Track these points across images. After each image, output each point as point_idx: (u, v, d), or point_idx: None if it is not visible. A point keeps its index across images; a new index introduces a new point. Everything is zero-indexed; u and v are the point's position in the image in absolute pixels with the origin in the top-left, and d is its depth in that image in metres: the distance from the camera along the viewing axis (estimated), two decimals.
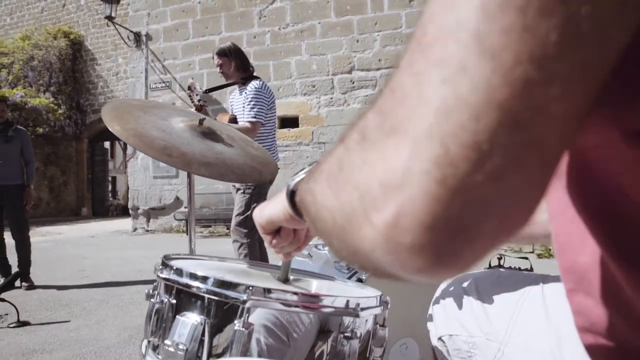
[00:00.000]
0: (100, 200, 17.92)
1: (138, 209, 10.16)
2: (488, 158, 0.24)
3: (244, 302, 0.66)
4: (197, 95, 3.27)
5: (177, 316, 0.69)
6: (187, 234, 6.55)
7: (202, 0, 9.82)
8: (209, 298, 0.68)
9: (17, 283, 4.34)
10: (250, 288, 0.66)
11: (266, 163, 1.23)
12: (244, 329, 0.65)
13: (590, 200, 0.38)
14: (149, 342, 0.74)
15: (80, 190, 16.95)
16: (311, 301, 0.73)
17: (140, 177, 10.15)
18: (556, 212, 0.46)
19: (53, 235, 9.81)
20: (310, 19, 9.26)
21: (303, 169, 0.57)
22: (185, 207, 9.45)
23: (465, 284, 0.97)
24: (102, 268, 5.50)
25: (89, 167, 17.10)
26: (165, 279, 0.74)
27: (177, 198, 9.86)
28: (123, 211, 21.61)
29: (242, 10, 9.60)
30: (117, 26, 10.25)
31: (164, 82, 9.95)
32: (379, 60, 8.91)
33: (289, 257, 0.78)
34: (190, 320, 0.67)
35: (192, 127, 1.16)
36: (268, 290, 0.68)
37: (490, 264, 3.49)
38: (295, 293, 0.72)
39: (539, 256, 5.14)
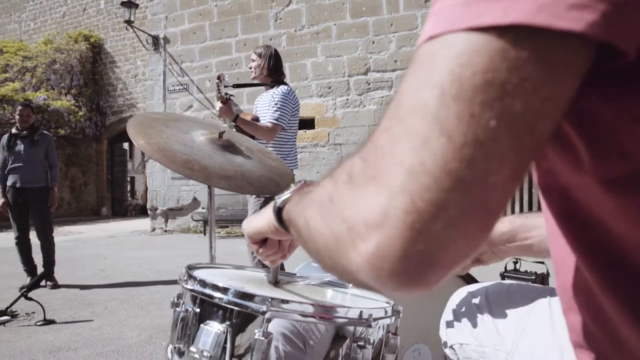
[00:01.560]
0: (120, 200, 18.23)
1: (156, 209, 10.33)
2: (444, 211, 0.31)
3: (264, 312, 0.71)
4: (225, 86, 3.33)
5: (201, 325, 0.75)
6: (204, 235, 6.75)
7: (218, 3, 9.94)
8: (231, 308, 0.74)
9: (42, 282, 4.50)
10: (270, 300, 0.71)
11: (283, 174, 1.28)
12: (263, 338, 0.70)
13: (574, 230, 0.43)
14: (174, 347, 0.80)
15: (100, 190, 17.28)
16: (326, 312, 0.77)
17: (159, 178, 10.32)
18: (551, 236, 0.50)
19: (74, 234, 10.04)
20: (326, 21, 9.31)
21: (289, 189, 0.63)
22: (203, 208, 9.59)
23: (477, 297, 1.01)
24: (122, 268, 5.63)
25: (108, 167, 17.41)
26: (190, 289, 0.80)
27: (195, 199, 10.00)
28: (142, 211, 21.93)
29: (258, 12, 9.69)
30: (136, 30, 10.42)
31: (181, 85, 10.10)
32: (395, 62, 8.91)
33: (275, 264, 0.85)
34: (214, 329, 0.73)
35: (213, 140, 1.22)
36: (286, 302, 0.73)
37: (506, 268, 3.48)
38: (312, 304, 0.77)
39: None
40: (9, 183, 4.44)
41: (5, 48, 16.12)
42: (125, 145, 20.74)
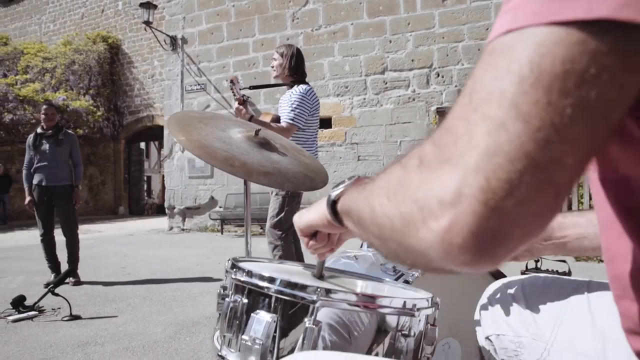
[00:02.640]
0: (136, 199, 18.46)
1: (174, 208, 10.44)
2: (517, 190, 0.34)
3: (314, 302, 0.73)
4: (239, 89, 3.35)
5: (251, 314, 0.77)
6: (221, 233, 6.81)
7: (236, 4, 10.01)
8: (281, 298, 0.76)
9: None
10: (320, 289, 0.73)
11: (317, 171, 1.30)
12: (314, 326, 0.72)
13: (633, 220, 0.44)
14: (224, 337, 0.82)
15: (118, 189, 17.52)
16: (373, 301, 0.79)
17: (176, 177, 10.43)
18: (605, 227, 0.51)
19: (94, 233, 10.19)
20: (343, 20, 9.31)
21: (343, 183, 0.66)
22: (220, 207, 9.67)
23: (512, 289, 1.02)
24: (142, 265, 5.71)
25: (125, 167, 17.64)
26: (238, 280, 0.82)
27: (212, 198, 10.08)
28: (158, 210, 22.18)
29: (276, 12, 9.74)
30: (154, 30, 10.54)
31: (199, 85, 10.19)
32: (412, 61, 8.89)
33: (323, 257, 0.87)
34: (264, 318, 0.75)
35: (249, 138, 1.24)
36: (335, 291, 0.75)
37: (527, 267, 3.47)
38: (359, 294, 0.79)
39: (577, 259, 5.05)
40: (35, 181, 4.54)
41: (26, 49, 16.44)
42: (142, 144, 21.01)
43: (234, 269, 0.85)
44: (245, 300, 0.81)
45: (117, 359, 2.54)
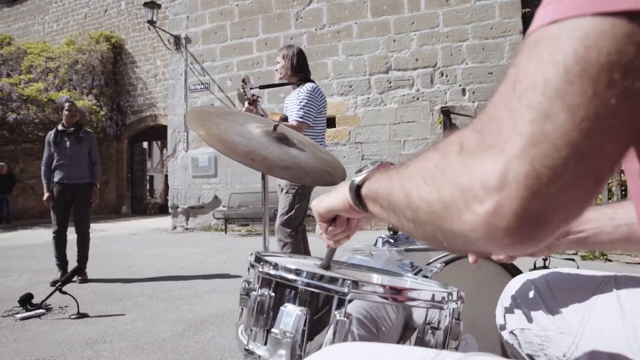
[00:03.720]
0: (139, 198, 18.46)
1: (177, 207, 10.44)
2: (560, 176, 0.35)
3: (345, 294, 0.72)
4: (250, 88, 3.37)
5: (280, 307, 0.76)
6: (225, 233, 6.82)
7: (239, 3, 10.01)
8: (310, 291, 0.75)
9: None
10: (349, 281, 0.73)
11: (335, 167, 1.29)
12: (345, 319, 0.71)
13: None
14: (250, 330, 0.81)
15: (120, 189, 17.52)
16: (404, 294, 0.78)
17: (180, 176, 10.43)
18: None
19: (97, 232, 10.17)
20: (347, 20, 9.31)
21: (366, 168, 0.66)
22: (224, 206, 9.66)
23: (536, 284, 1.01)
24: (146, 264, 5.71)
25: (128, 166, 17.64)
26: (265, 273, 0.81)
27: (216, 197, 10.08)
28: (160, 209, 22.19)
29: (279, 12, 9.74)
30: (158, 30, 10.55)
31: (202, 84, 10.20)
32: (416, 60, 8.88)
33: (339, 244, 0.85)
34: (294, 311, 0.74)
35: (267, 133, 1.23)
36: (366, 283, 0.75)
37: (535, 265, 3.46)
38: (388, 287, 0.78)
39: (583, 258, 5.03)
40: (55, 179, 4.56)
41: (30, 49, 16.46)
42: (145, 144, 21.03)
43: (260, 263, 0.84)
44: (273, 294, 0.80)
45: (126, 356, 2.53)
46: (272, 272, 0.80)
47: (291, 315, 0.74)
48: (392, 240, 1.68)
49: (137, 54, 16.57)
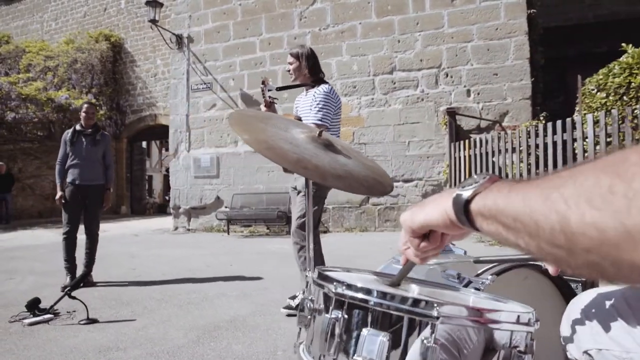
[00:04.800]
0: (138, 198, 18.35)
1: (179, 208, 10.35)
2: None
3: (435, 318, 0.66)
4: (269, 90, 3.31)
5: (360, 332, 0.70)
6: (228, 234, 6.75)
7: (242, 2, 9.94)
8: (394, 314, 0.69)
9: None
10: (438, 304, 0.66)
11: (382, 174, 1.23)
12: (435, 345, 0.65)
13: None
14: (322, 357, 0.75)
15: (120, 188, 17.39)
16: (491, 316, 0.72)
17: (182, 177, 10.35)
18: None
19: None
20: (351, 20, 9.25)
21: (473, 181, 0.59)
22: (226, 207, 9.58)
23: (612, 301, 0.95)
24: (152, 266, 5.63)
25: (127, 166, 17.53)
26: (336, 294, 0.74)
27: (218, 198, 10.00)
28: (159, 209, 22.11)
29: (283, 11, 9.67)
30: (160, 29, 10.46)
31: (205, 84, 10.12)
32: (421, 61, 8.83)
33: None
34: (376, 336, 0.68)
35: (313, 139, 1.17)
36: (455, 305, 0.68)
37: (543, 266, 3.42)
38: (473, 308, 0.72)
39: None
40: (69, 179, 4.51)
41: (28, 48, 16.33)
42: (144, 143, 20.91)
43: (329, 281, 0.78)
44: (347, 316, 0.73)
45: None
46: (348, 292, 0.74)
47: (374, 341, 0.67)
48: None
49: (136, 53, 16.47)
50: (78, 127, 4.64)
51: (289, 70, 3.57)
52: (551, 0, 11.64)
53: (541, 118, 7.75)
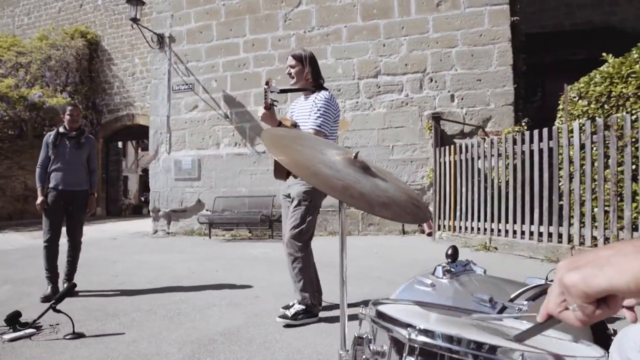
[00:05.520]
0: (114, 200, 17.92)
1: (159, 211, 10.13)
2: None
3: None
4: (271, 92, 3.22)
5: None
6: (209, 237, 6.63)
7: (226, 3, 9.79)
8: None
9: (59, 289, 4.32)
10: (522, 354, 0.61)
11: (417, 198, 1.17)
12: None
13: None
14: None
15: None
16: None
17: (162, 179, 10.13)
18: None
19: None
20: (336, 23, 9.21)
21: None
22: (207, 210, 9.41)
23: None
24: (135, 273, 5.47)
25: (103, 166, 17.09)
26: (431, 345, 0.67)
27: (199, 201, 9.83)
28: (134, 210, 21.67)
29: (267, 13, 9.57)
30: (140, 28, 10.22)
31: (187, 84, 9.93)
32: (405, 65, 8.85)
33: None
34: None
35: (350, 162, 1.10)
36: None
37: (547, 278, 3.43)
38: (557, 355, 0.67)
39: None
40: (51, 184, 4.32)
41: None
42: (120, 143, 20.44)
43: (395, 324, 0.71)
44: None
45: None
46: (424, 339, 0.67)
47: None
48: (452, 270, 1.58)
49: (114, 51, 16.09)
50: (61, 129, 4.45)
51: (289, 73, 3.48)
52: (529, 7, 11.86)
53: (523, 124, 7.86)
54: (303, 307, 3.27)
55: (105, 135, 16.55)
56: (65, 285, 4.36)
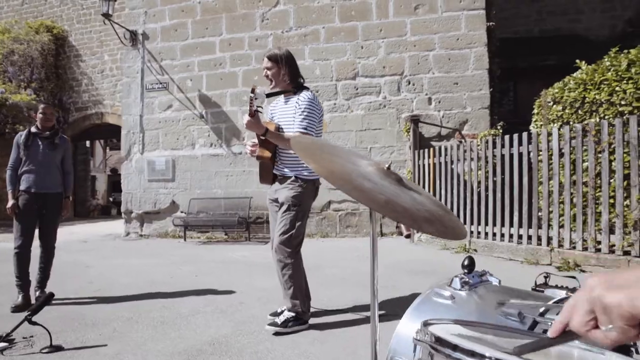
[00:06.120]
0: (82, 200, 17.36)
1: (131, 212, 9.84)
2: None
3: None
4: (256, 99, 3.10)
5: None
6: (184, 240, 6.51)
7: (202, 0, 9.60)
8: None
9: (32, 296, 4.12)
10: None
11: (449, 211, 1.13)
12: None
13: None
14: None
15: None
16: None
17: (135, 180, 9.84)
18: None
19: None
20: (314, 23, 9.16)
21: None
22: (182, 212, 9.20)
23: None
24: (110, 278, 5.27)
25: None
26: None
27: (173, 202, 9.60)
28: (102, 211, 21.07)
29: (244, 12, 9.42)
30: (113, 24, 9.90)
31: (161, 83, 9.68)
32: (383, 67, 8.88)
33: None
34: None
35: (384, 173, 1.05)
36: None
37: (536, 283, 3.46)
38: None
39: (583, 271, 5.09)
40: (22, 187, 4.09)
41: None
42: (87, 143, 19.81)
43: (460, 352, 0.66)
44: None
45: None
46: None
47: None
48: (469, 281, 1.54)
49: (82, 48, 15.58)
50: (34, 129, 4.23)
51: (266, 76, 3.38)
52: (501, 13, 12.10)
53: (499, 127, 7.99)
54: (293, 314, 3.20)
55: (73, 134, 15.98)
56: (38, 293, 4.16)
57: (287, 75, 3.32)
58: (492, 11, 8.88)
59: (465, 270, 1.63)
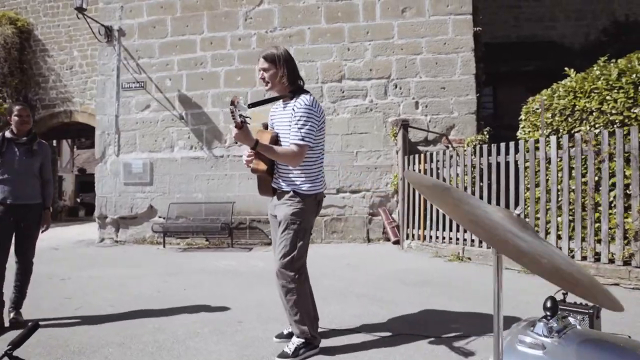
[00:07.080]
0: None
1: (106, 217, 9.37)
2: None
3: None
4: (239, 110, 2.76)
5: None
6: (164, 246, 6.16)
7: None
8: None
9: (5, 319, 3.75)
10: None
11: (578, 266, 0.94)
12: None
13: None
14: None
15: None
16: None
17: (110, 183, 9.38)
18: None
19: None
20: (300, 24, 8.93)
21: None
22: (160, 217, 8.81)
23: None
24: (90, 293, 4.91)
25: None
26: None
27: (151, 207, 9.19)
28: (70, 213, 20.23)
29: (227, 10, 9.11)
30: (87, 18, 9.41)
31: (138, 82, 9.26)
32: (370, 70, 8.74)
33: None
34: None
35: (514, 220, 0.86)
36: None
37: (555, 301, 3.36)
38: None
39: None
40: None
41: None
42: (54, 142, 18.96)
43: None
44: None
45: None
46: None
47: None
48: (555, 325, 1.36)
49: (49, 42, 14.85)
50: (8, 133, 3.83)
51: (262, 78, 3.08)
52: (481, 18, 12.17)
53: (485, 132, 7.96)
54: (302, 340, 2.97)
55: (40, 133, 15.19)
56: (13, 315, 3.80)
57: (286, 77, 2.95)
58: (478, 16, 8.86)
59: (548, 313, 1.46)
